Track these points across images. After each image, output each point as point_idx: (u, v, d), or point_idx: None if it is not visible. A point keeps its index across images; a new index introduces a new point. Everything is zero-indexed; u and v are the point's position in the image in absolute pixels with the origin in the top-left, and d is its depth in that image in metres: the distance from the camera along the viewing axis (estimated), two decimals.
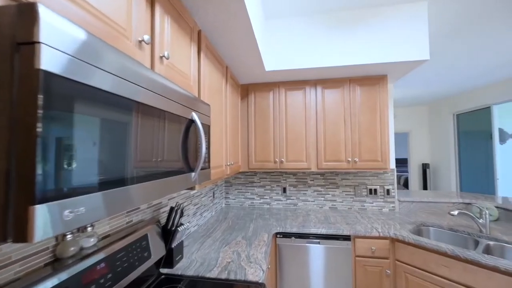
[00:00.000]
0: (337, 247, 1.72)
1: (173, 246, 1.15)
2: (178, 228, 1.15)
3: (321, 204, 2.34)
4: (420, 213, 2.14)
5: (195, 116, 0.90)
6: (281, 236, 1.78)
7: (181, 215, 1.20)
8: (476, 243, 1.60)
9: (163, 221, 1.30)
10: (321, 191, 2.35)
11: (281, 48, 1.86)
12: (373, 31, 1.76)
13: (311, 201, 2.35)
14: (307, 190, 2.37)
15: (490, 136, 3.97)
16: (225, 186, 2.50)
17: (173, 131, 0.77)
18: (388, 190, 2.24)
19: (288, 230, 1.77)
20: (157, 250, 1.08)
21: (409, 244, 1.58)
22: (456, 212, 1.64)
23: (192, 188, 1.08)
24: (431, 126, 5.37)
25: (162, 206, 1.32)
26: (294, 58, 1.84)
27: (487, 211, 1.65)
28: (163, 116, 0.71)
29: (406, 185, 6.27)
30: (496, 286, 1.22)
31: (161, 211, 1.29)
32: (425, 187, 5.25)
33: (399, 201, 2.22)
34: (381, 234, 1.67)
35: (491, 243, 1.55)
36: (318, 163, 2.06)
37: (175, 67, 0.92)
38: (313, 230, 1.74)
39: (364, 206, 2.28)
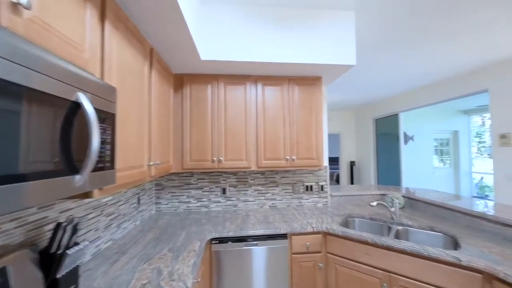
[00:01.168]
0: (274, 247, 1.68)
1: (59, 275, 0.85)
2: (68, 251, 0.86)
3: (261, 203, 2.30)
4: (348, 205, 2.35)
5: (82, 98, 0.66)
6: (217, 241, 1.63)
7: (75, 232, 0.91)
8: (389, 229, 1.83)
9: (46, 243, 0.96)
10: (261, 190, 2.31)
11: (219, 37, 1.71)
12: (310, 32, 1.81)
13: (252, 201, 2.29)
14: (247, 190, 2.29)
15: (397, 138, 4.83)
16: (155, 190, 2.18)
17: (43, 117, 0.53)
18: (322, 186, 2.37)
19: (225, 234, 1.64)
20: (28, 285, 0.76)
21: (338, 236, 1.67)
22: (375, 203, 1.84)
23: (87, 195, 0.82)
24: (357, 128, 6.20)
25: (48, 221, 0.98)
26: (233, 50, 1.72)
27: (397, 200, 1.91)
28: (21, 94, 0.47)
29: (338, 180, 7.06)
30: (404, 266, 1.39)
31: (45, 229, 0.96)
32: (352, 182, 6.01)
33: (331, 196, 2.39)
34: (315, 229, 1.72)
35: (400, 228, 1.79)
36: (258, 161, 2.00)
37: (51, 27, 0.66)
38: (251, 232, 1.66)
39: (302, 202, 2.36)
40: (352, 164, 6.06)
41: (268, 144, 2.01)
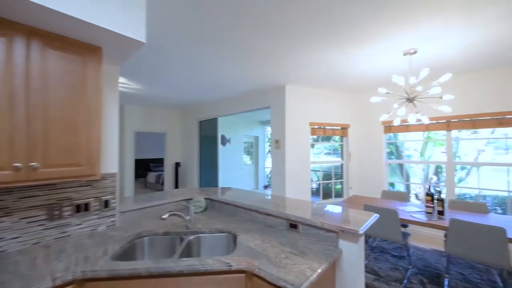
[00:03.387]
0: None
1: None
2: None
3: None
4: (145, 220, 1.90)
5: None
6: None
7: None
8: (182, 241, 1.61)
9: None
10: None
11: None
12: None
13: None
14: None
15: (216, 140, 5.29)
16: None
17: None
18: (107, 202, 1.73)
19: None
20: None
21: (103, 279, 1.14)
22: (166, 215, 1.54)
23: None
24: (183, 128, 6.12)
25: None
26: None
27: (192, 207, 1.76)
28: None
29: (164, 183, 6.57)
30: None
31: None
32: (176, 185, 5.79)
33: (121, 212, 1.81)
34: (58, 282, 1.06)
35: (192, 237, 1.63)
36: None
37: None
38: None
39: (67, 232, 1.55)
40: (177, 165, 5.85)
41: None
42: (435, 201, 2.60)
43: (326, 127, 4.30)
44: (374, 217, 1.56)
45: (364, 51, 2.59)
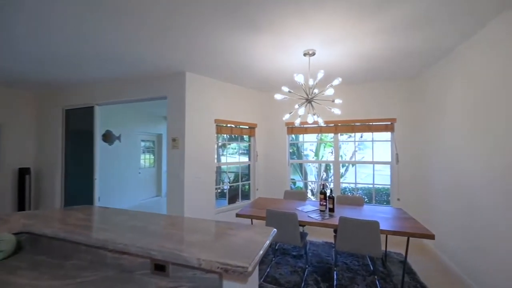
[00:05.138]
0: None
1: None
2: None
3: None
4: None
5: None
6: None
7: None
8: None
9: None
10: None
11: None
12: None
13: None
14: None
15: (93, 137, 3.92)
16: None
17: None
18: None
19: None
20: None
21: None
22: None
23: None
24: (38, 119, 4.25)
25: None
26: None
27: None
28: None
29: None
30: None
31: None
32: (22, 204, 3.88)
33: None
34: None
35: None
36: None
37: None
38: None
39: None
40: (24, 173, 3.95)
41: None
42: (327, 199, 2.73)
43: (234, 126, 3.99)
44: (272, 233, 1.24)
45: (266, 41, 2.37)
